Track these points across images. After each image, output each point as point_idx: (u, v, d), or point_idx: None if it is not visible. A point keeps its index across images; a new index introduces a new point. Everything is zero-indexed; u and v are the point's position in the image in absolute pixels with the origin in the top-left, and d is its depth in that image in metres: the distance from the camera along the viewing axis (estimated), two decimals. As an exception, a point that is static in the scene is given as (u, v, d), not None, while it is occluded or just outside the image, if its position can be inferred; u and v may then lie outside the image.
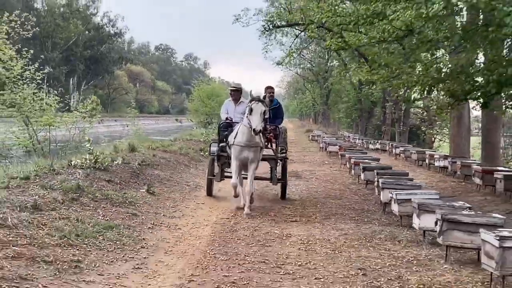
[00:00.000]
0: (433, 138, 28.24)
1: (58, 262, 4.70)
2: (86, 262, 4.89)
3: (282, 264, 5.32)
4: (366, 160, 12.18)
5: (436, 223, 5.56)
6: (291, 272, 5.08)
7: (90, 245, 5.37)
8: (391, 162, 16.26)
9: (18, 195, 6.32)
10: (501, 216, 5.29)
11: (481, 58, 8.40)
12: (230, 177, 8.29)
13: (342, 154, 15.18)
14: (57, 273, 4.49)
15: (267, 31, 23.77)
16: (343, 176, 13.36)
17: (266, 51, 26.73)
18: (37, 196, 6.38)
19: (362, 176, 10.98)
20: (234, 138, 8.04)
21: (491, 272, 4.50)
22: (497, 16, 6.27)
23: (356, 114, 33.18)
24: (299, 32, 25.41)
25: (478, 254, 5.24)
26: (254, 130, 7.43)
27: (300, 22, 21.04)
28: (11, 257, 4.55)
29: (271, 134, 8.72)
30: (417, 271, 5.16)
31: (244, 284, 4.68)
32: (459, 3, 5.89)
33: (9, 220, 5.30)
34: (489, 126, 13.79)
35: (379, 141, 22.29)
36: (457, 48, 7.50)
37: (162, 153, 13.09)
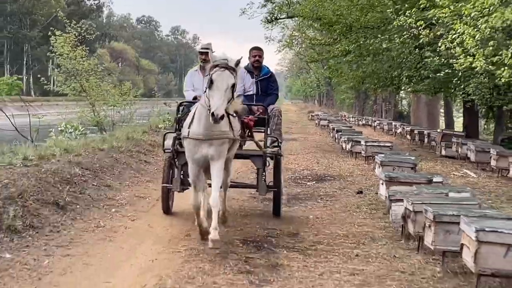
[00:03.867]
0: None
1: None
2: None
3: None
4: (341, 127, 22.12)
5: (351, 145, 15.52)
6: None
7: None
8: (370, 133, 26.20)
9: (152, 139, 16.11)
10: (383, 144, 15.22)
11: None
12: None
13: (328, 125, 25.20)
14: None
15: (270, 22, 33.46)
16: (327, 139, 23.36)
17: (269, 40, 36.19)
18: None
19: (336, 135, 20.89)
20: (189, 128, 6.40)
21: (364, 156, 14.43)
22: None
23: (353, 95, 43.23)
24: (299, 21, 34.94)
25: (365, 157, 15.06)
26: (212, 114, 5.74)
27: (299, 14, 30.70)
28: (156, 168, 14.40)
29: (250, 117, 7.22)
30: (340, 162, 15.04)
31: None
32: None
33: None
34: (430, 102, 23.76)
35: (364, 117, 32.51)
36: (372, 61, 17.29)
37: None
